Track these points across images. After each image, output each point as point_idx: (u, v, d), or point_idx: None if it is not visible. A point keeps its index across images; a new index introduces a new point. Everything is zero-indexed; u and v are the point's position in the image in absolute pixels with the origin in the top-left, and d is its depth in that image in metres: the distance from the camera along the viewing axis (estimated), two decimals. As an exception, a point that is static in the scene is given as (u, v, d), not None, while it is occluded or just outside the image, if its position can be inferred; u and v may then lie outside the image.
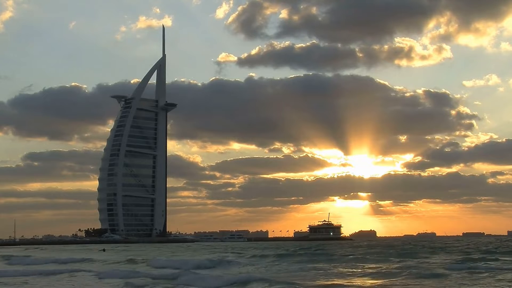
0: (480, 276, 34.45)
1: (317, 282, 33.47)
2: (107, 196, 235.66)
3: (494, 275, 34.50)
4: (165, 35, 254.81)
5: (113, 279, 38.95)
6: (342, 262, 50.54)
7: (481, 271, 37.05)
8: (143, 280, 37.95)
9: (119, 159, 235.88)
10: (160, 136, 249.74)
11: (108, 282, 37.83)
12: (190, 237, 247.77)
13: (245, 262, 53.52)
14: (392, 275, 36.11)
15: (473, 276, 34.60)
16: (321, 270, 42.37)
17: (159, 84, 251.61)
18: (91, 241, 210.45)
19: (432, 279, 33.57)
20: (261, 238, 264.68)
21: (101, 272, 44.68)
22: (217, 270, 44.63)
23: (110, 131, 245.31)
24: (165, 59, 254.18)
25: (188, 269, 43.61)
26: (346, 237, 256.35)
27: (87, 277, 42.75)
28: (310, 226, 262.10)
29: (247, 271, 43.56)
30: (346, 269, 42.85)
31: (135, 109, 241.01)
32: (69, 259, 67.40)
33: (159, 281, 37.12)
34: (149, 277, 39.80)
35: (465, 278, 33.57)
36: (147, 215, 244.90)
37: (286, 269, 44.43)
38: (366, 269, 42.00)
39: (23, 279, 41.28)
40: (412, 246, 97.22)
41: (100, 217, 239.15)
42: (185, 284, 34.51)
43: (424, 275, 35.14)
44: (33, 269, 50.70)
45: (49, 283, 38.20)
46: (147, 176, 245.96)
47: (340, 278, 35.85)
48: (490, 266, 41.44)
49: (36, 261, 67.34)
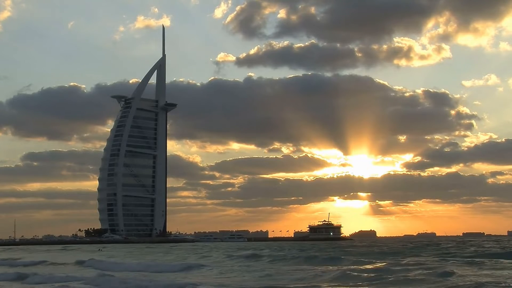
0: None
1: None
2: (107, 196, 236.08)
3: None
4: (165, 35, 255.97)
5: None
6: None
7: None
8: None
9: (119, 159, 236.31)
10: (160, 136, 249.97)
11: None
12: (190, 237, 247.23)
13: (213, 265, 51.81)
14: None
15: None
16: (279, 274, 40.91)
17: (159, 84, 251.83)
18: (91, 241, 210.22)
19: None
20: (261, 238, 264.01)
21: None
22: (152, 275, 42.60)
23: (110, 131, 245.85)
24: (165, 59, 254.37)
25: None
26: (346, 237, 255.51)
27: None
28: (310, 226, 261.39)
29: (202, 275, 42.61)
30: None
31: (135, 109, 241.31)
32: (21, 262, 65.36)
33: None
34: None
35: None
36: (147, 215, 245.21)
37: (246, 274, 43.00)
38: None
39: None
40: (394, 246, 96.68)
41: (100, 217, 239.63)
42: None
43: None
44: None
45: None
46: (147, 176, 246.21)
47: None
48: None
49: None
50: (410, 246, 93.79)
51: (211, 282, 34.86)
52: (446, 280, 31.59)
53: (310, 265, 48.13)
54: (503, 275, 33.55)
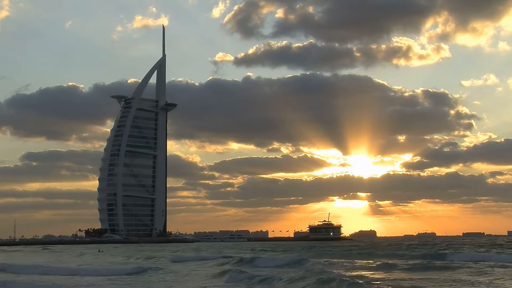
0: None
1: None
2: (107, 196, 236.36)
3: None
4: (165, 35, 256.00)
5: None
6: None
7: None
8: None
9: (119, 159, 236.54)
10: (160, 136, 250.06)
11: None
12: (190, 237, 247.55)
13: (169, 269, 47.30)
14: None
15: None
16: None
17: (159, 84, 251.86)
18: (91, 241, 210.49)
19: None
20: (261, 238, 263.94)
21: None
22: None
23: (110, 131, 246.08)
24: (165, 59, 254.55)
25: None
26: (346, 237, 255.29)
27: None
28: (310, 226, 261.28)
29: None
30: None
31: (135, 109, 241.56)
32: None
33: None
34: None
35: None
36: (147, 215, 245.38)
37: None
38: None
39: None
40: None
41: (100, 217, 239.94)
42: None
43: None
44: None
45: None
46: (147, 176, 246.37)
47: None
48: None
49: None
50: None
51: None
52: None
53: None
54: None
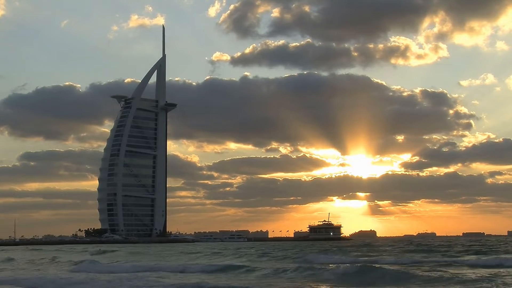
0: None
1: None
2: (107, 196, 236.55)
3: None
4: (165, 34, 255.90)
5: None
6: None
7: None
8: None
9: (119, 159, 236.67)
10: (160, 136, 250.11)
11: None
12: (190, 237, 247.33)
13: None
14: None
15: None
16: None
17: (159, 84, 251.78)
18: (91, 241, 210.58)
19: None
20: (261, 238, 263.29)
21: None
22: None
23: (110, 131, 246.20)
24: (165, 59, 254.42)
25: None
26: (346, 237, 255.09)
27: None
28: (310, 226, 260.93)
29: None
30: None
31: (135, 109, 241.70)
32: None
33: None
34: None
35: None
36: (147, 215, 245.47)
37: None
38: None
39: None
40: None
41: (100, 217, 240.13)
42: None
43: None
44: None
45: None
46: (147, 176, 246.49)
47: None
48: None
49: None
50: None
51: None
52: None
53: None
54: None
